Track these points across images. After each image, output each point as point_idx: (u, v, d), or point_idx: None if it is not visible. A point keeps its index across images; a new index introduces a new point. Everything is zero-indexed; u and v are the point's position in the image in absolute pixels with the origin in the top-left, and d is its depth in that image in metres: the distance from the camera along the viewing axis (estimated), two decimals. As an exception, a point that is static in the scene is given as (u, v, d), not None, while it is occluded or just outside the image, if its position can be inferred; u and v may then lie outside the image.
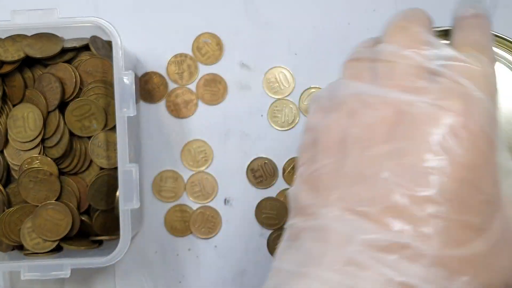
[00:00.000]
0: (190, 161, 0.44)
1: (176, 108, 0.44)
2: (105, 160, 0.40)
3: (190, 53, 0.44)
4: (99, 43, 0.41)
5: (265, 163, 0.44)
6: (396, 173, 0.20)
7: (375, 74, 0.23)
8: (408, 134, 0.21)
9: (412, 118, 0.21)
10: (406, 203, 0.20)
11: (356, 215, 0.20)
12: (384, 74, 0.23)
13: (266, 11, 0.44)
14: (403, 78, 0.22)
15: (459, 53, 0.23)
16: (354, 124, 0.22)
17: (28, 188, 0.40)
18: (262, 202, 0.44)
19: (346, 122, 0.22)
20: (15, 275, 0.43)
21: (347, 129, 0.22)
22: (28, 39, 0.40)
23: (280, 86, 0.44)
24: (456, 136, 0.20)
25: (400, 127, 0.21)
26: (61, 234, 0.39)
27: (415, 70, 0.22)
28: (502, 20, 0.44)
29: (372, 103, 0.22)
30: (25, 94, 0.41)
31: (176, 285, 0.44)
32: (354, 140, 0.22)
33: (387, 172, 0.20)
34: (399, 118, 0.21)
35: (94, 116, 0.40)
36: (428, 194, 0.20)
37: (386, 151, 0.21)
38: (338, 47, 0.44)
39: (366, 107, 0.22)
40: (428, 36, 0.23)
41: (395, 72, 0.22)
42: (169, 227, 0.44)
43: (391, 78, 0.22)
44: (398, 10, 0.43)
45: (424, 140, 0.20)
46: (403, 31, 0.24)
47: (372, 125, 0.21)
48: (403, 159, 0.20)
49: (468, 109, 0.20)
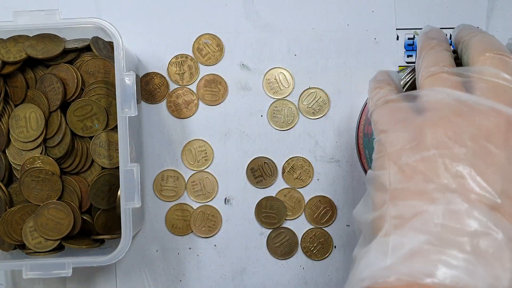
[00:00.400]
0: (191, 161, 0.44)
1: (177, 108, 0.44)
2: (107, 159, 0.41)
3: (191, 54, 0.44)
4: (101, 44, 0.41)
5: (264, 163, 0.44)
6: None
7: (472, 89, 0.26)
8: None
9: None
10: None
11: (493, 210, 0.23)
12: (485, 90, 0.25)
13: (266, 13, 0.45)
14: (506, 96, 0.25)
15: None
16: (468, 124, 0.24)
17: (30, 187, 0.40)
18: (262, 201, 0.44)
19: (457, 121, 0.25)
20: (17, 274, 0.44)
21: (459, 127, 0.25)
22: (30, 40, 0.40)
23: (280, 87, 0.44)
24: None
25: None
26: (63, 233, 0.40)
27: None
28: (502, 21, 0.45)
29: (483, 111, 0.25)
30: (27, 94, 0.41)
31: (177, 283, 0.44)
32: (471, 137, 0.24)
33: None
34: (509, 127, 0.24)
35: (96, 116, 0.41)
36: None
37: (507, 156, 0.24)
38: (337, 48, 0.45)
39: (476, 112, 0.25)
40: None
41: (497, 89, 0.25)
42: (170, 226, 0.44)
43: (494, 94, 0.25)
44: (396, 12, 0.44)
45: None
46: (498, 58, 0.27)
47: (489, 128, 0.24)
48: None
49: None
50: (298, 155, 0.44)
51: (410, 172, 0.24)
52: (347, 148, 0.44)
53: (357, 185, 0.44)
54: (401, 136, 0.26)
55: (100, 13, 0.44)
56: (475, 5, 0.44)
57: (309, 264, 0.44)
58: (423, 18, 0.44)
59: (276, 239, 0.44)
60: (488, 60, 0.27)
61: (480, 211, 0.23)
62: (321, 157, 0.44)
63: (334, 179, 0.44)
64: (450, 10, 0.44)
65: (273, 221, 0.44)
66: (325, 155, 0.44)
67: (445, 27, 0.44)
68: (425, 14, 0.44)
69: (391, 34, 0.44)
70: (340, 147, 0.44)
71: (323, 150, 0.44)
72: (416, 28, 0.44)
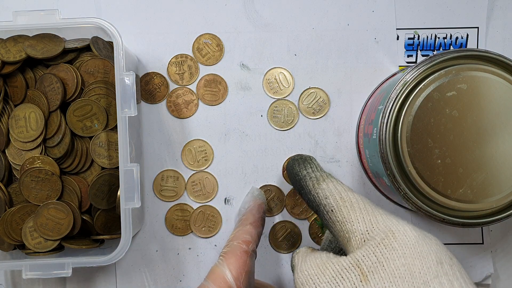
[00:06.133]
0: (191, 161, 0.44)
1: (177, 108, 0.44)
2: (107, 160, 0.41)
3: (191, 54, 0.44)
4: (101, 44, 0.41)
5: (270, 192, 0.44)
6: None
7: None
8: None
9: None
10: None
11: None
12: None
13: (266, 12, 0.45)
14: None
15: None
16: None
17: (29, 187, 0.40)
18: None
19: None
20: (17, 274, 0.44)
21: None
22: (30, 39, 0.40)
23: (280, 87, 0.44)
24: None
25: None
26: (63, 233, 0.39)
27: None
28: (502, 21, 0.45)
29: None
30: (26, 94, 0.41)
31: (177, 283, 0.44)
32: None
33: None
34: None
35: (96, 116, 0.41)
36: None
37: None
38: (337, 48, 0.44)
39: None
40: None
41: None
42: (170, 226, 0.44)
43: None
44: (396, 12, 0.44)
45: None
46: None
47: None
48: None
49: None
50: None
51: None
52: (347, 148, 0.44)
53: (357, 185, 0.44)
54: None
55: (100, 13, 0.44)
56: (475, 5, 0.44)
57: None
58: (423, 18, 0.44)
59: (279, 233, 0.44)
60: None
61: None
62: (321, 157, 0.44)
63: (334, 179, 0.44)
64: (450, 10, 0.44)
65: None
66: (325, 155, 0.44)
67: (445, 27, 0.44)
68: (425, 14, 0.44)
69: (391, 34, 0.44)
70: (340, 147, 0.44)
71: (323, 150, 0.44)
72: (416, 28, 0.44)
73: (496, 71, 0.34)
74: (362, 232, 0.28)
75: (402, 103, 0.34)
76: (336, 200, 0.30)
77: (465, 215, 0.35)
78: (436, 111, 0.34)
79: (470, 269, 0.44)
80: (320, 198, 0.31)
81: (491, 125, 0.34)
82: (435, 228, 0.44)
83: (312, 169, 0.33)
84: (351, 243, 0.28)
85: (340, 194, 0.30)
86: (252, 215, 0.38)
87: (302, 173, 0.33)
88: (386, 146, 0.34)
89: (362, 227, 0.28)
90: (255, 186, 0.44)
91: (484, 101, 0.34)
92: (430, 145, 0.34)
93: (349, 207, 0.29)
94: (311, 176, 0.32)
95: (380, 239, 0.27)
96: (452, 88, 0.34)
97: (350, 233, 0.28)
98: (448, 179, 0.34)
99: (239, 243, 0.35)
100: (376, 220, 0.28)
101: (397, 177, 0.34)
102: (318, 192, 0.31)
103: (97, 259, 0.38)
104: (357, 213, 0.29)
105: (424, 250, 0.26)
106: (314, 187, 0.31)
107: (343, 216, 0.29)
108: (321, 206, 0.30)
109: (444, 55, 0.34)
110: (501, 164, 0.34)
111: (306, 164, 0.34)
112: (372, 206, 0.29)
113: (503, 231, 0.44)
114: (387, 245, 0.27)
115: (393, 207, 0.44)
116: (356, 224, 0.28)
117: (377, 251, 0.26)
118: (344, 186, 0.31)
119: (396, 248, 0.26)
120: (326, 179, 0.31)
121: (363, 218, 0.29)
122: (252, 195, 0.42)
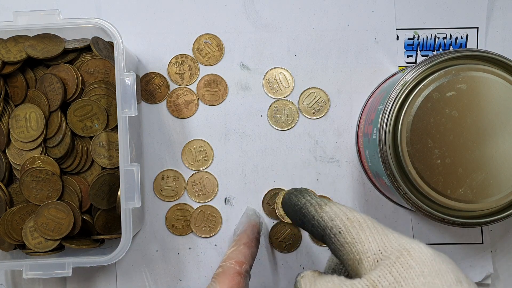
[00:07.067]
0: (191, 161, 0.44)
1: (177, 108, 0.44)
2: (107, 159, 0.41)
3: (191, 54, 0.45)
4: (101, 44, 0.41)
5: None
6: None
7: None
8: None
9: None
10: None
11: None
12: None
13: (266, 13, 0.45)
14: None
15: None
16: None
17: (30, 187, 0.40)
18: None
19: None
20: (17, 274, 0.44)
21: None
22: (30, 40, 0.40)
23: (280, 87, 0.45)
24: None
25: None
26: (63, 233, 0.40)
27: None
28: (502, 21, 0.45)
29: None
30: (27, 94, 0.41)
31: (177, 283, 0.44)
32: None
33: None
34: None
35: (96, 116, 0.41)
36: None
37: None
38: (337, 48, 0.45)
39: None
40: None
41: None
42: (170, 226, 0.44)
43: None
44: (396, 12, 0.44)
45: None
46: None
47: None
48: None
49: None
50: (298, 155, 0.44)
51: None
52: (347, 148, 0.44)
53: (357, 185, 0.44)
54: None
55: (100, 13, 0.44)
56: (475, 5, 0.44)
57: (309, 264, 0.44)
58: (423, 18, 0.44)
59: (279, 233, 0.44)
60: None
61: None
62: (321, 157, 0.44)
63: (334, 179, 0.44)
64: (450, 10, 0.44)
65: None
66: (325, 155, 0.44)
67: (445, 27, 0.44)
68: (425, 14, 0.44)
69: (391, 34, 0.44)
70: (340, 147, 0.44)
71: (323, 150, 0.44)
72: (416, 28, 0.44)
73: (496, 71, 0.34)
74: (374, 252, 0.27)
75: (402, 103, 0.34)
76: (343, 221, 0.28)
77: (465, 215, 0.35)
78: (436, 111, 0.34)
79: (470, 269, 0.44)
80: (326, 221, 0.29)
81: (491, 125, 0.34)
82: (435, 228, 0.44)
83: (311, 196, 0.32)
84: (363, 265, 0.27)
85: (346, 214, 0.29)
86: (246, 236, 0.38)
87: (301, 202, 0.32)
88: (386, 146, 0.34)
89: (374, 247, 0.27)
90: (250, 206, 0.44)
91: (484, 101, 0.34)
92: (429, 145, 0.34)
93: (358, 227, 0.28)
94: (311, 202, 0.31)
95: (395, 257, 0.25)
96: (452, 88, 0.34)
97: (362, 254, 0.27)
98: (448, 179, 0.34)
99: (232, 264, 0.35)
100: (388, 239, 0.27)
101: (397, 177, 0.34)
102: (323, 215, 0.29)
103: (98, 259, 0.38)
104: (367, 233, 0.27)
105: (442, 268, 0.25)
106: (317, 212, 0.30)
107: (352, 237, 0.27)
108: (327, 229, 0.29)
109: (444, 55, 0.34)
110: (500, 164, 0.34)
111: (303, 193, 0.32)
112: (381, 225, 0.28)
113: (503, 231, 0.44)
114: (403, 263, 0.25)
115: (393, 207, 0.44)
116: (368, 244, 0.27)
117: (394, 270, 0.25)
118: (348, 208, 0.29)
119: (414, 267, 0.25)
120: (328, 203, 0.30)
121: (374, 237, 0.27)
122: (247, 216, 0.42)
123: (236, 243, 0.38)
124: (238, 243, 0.37)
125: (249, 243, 0.38)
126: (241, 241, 0.38)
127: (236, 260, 0.35)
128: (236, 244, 0.37)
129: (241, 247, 0.37)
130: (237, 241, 0.38)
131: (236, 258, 0.36)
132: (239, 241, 0.38)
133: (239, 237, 0.38)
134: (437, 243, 0.44)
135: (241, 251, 0.36)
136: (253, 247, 0.38)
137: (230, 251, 0.37)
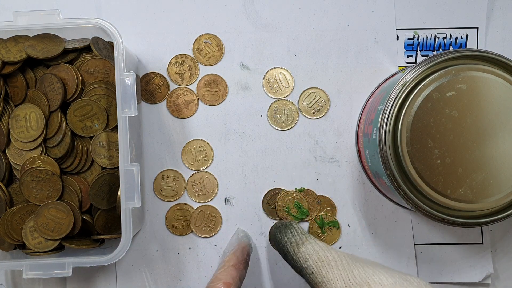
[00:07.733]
0: (191, 161, 0.44)
1: (177, 108, 0.44)
2: (107, 159, 0.41)
3: (191, 54, 0.45)
4: (101, 44, 0.41)
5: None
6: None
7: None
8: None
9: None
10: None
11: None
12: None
13: (266, 13, 0.45)
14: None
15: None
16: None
17: (30, 187, 0.40)
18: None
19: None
20: (17, 274, 0.44)
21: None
22: (30, 40, 0.40)
23: (280, 87, 0.45)
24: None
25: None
26: (63, 233, 0.40)
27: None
28: (502, 21, 0.45)
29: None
30: (27, 94, 0.41)
31: (177, 283, 0.44)
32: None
33: None
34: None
35: (96, 116, 0.41)
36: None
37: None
38: (337, 48, 0.45)
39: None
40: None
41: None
42: (170, 226, 0.44)
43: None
44: (396, 12, 0.44)
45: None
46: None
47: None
48: None
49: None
50: (298, 155, 0.44)
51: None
52: (347, 148, 0.44)
53: (357, 185, 0.44)
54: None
55: (100, 13, 0.44)
56: (475, 5, 0.44)
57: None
58: (423, 18, 0.44)
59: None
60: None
61: None
62: (321, 157, 0.44)
63: (334, 179, 0.44)
64: (450, 10, 0.44)
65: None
66: (325, 155, 0.44)
67: (444, 27, 0.44)
68: (425, 14, 0.44)
69: (391, 34, 0.44)
70: (340, 147, 0.44)
71: (323, 150, 0.44)
72: (416, 28, 0.44)
73: (496, 71, 0.34)
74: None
75: (402, 103, 0.34)
76: (315, 261, 0.31)
77: (465, 215, 0.35)
78: (436, 111, 0.34)
79: (470, 269, 0.44)
80: (301, 262, 0.32)
81: (490, 125, 0.34)
82: (435, 228, 0.44)
83: (293, 233, 0.35)
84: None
85: (318, 254, 0.32)
86: (235, 257, 0.39)
87: (283, 240, 0.35)
88: (386, 146, 0.34)
89: (341, 284, 0.30)
90: (240, 228, 0.44)
91: (484, 101, 0.34)
92: (429, 145, 0.34)
93: (327, 266, 0.31)
94: (291, 241, 0.34)
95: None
96: (451, 88, 0.34)
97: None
98: (448, 179, 0.34)
99: (220, 285, 0.35)
100: (352, 275, 0.30)
101: (397, 177, 0.34)
102: (299, 256, 0.33)
103: (98, 259, 0.38)
104: (334, 271, 0.30)
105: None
106: (295, 252, 0.33)
107: (323, 276, 0.31)
108: (303, 269, 0.32)
109: (444, 55, 0.34)
110: (500, 164, 0.34)
111: (287, 229, 0.36)
112: (349, 261, 0.31)
113: (503, 231, 0.44)
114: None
115: (393, 207, 0.44)
116: (335, 283, 0.30)
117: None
118: (322, 245, 0.32)
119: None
120: (305, 242, 0.33)
121: (341, 274, 0.30)
122: (237, 237, 0.42)
123: (225, 264, 0.38)
124: (227, 264, 0.38)
125: (237, 265, 0.38)
126: (230, 263, 0.38)
127: (224, 282, 0.36)
128: (225, 265, 0.38)
129: (229, 268, 0.37)
130: (226, 262, 0.38)
131: (224, 279, 0.36)
132: (228, 262, 0.38)
133: (228, 258, 0.39)
134: (437, 243, 0.44)
135: (229, 272, 0.37)
136: (241, 269, 0.38)
137: (219, 272, 0.37)
